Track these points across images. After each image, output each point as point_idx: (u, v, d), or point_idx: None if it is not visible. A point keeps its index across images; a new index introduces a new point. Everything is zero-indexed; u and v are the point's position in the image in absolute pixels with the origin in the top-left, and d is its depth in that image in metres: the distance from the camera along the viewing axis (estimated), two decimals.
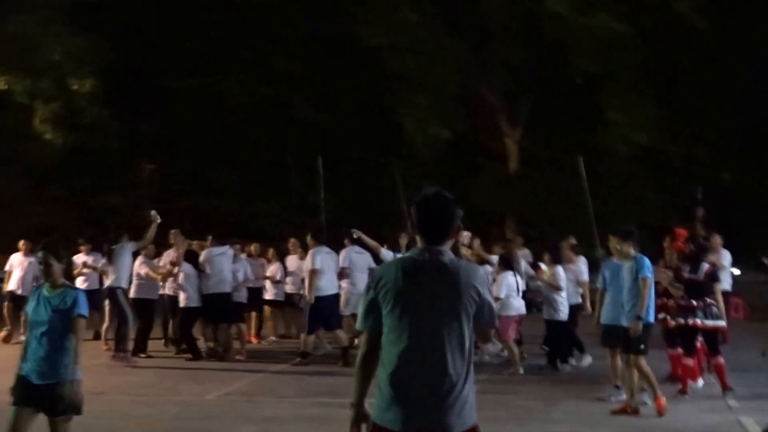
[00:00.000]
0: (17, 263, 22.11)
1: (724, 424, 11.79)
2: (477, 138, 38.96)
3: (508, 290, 16.64)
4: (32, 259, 22.14)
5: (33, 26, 28.15)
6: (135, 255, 18.58)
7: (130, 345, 18.03)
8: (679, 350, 14.05)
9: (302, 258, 19.62)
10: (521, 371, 16.30)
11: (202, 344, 18.87)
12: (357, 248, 18.97)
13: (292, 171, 41.15)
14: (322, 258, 17.40)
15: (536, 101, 37.49)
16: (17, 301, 21.75)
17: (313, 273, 17.10)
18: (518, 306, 16.87)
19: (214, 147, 40.14)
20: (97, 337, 20.67)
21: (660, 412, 12.03)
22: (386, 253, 17.41)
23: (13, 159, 36.80)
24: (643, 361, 12.13)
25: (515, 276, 16.95)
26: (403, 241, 19.94)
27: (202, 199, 42.47)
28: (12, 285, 22.02)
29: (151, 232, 18.17)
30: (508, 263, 17.17)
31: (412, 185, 34.71)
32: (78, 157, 39.26)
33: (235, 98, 38.30)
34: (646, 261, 12.24)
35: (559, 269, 16.75)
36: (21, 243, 22.18)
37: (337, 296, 17.92)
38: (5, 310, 22.39)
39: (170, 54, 38.14)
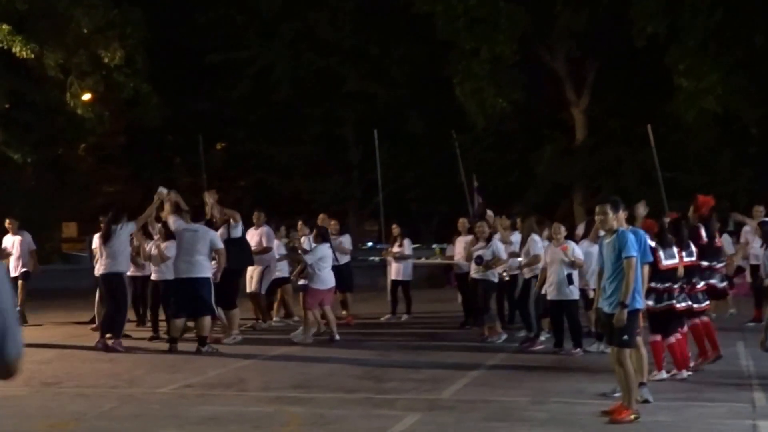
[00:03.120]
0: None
1: (734, 428, 9.68)
2: (541, 108, 36.81)
3: (323, 262, 16.45)
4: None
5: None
6: None
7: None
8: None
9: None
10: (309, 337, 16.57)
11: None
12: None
13: (351, 145, 39.54)
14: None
15: (603, 68, 35.13)
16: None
17: None
18: (328, 279, 16.66)
19: (268, 122, 38.76)
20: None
21: (613, 421, 9.89)
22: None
23: (75, 137, 35.84)
24: (625, 356, 10.08)
25: (331, 248, 16.93)
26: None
27: (263, 176, 41.36)
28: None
29: (150, 209, 16.55)
30: (323, 236, 16.94)
31: (473, 158, 32.84)
32: (140, 136, 38.35)
33: (284, 71, 36.70)
34: (631, 237, 10.14)
35: (571, 245, 14.84)
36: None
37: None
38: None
39: (213, 27, 36.76)
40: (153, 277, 16.96)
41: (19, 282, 20.90)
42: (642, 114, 31.21)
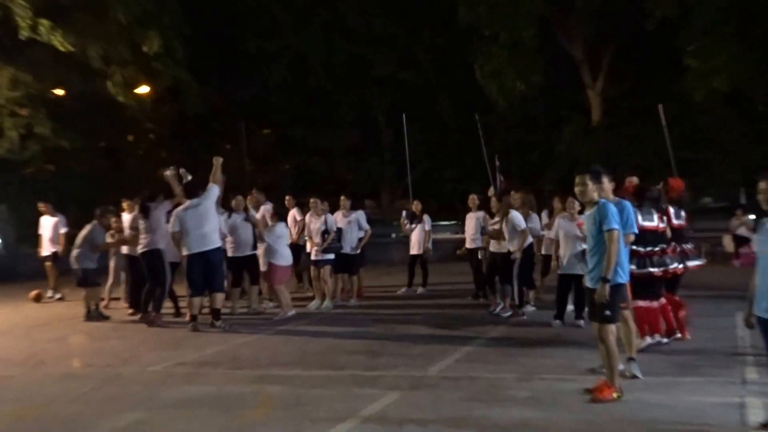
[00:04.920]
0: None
1: (721, 407, 8.23)
2: (560, 90, 35.28)
3: (282, 239, 15.61)
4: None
5: None
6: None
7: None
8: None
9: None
10: (290, 313, 15.48)
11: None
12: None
13: (383, 128, 38.21)
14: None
15: (617, 51, 33.55)
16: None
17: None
18: (288, 255, 15.77)
19: (306, 108, 37.55)
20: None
21: (595, 400, 8.54)
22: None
23: (124, 124, 34.78)
24: (608, 333, 8.70)
25: (287, 227, 16.25)
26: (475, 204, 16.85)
27: (305, 159, 40.25)
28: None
29: (177, 187, 15.23)
30: (280, 215, 16.15)
31: (497, 139, 31.42)
32: (188, 123, 37.33)
33: (317, 59, 35.41)
34: (612, 209, 8.72)
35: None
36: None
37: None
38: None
39: (250, 17, 35.54)
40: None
41: (47, 264, 19.99)
42: (654, 95, 29.76)
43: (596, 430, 7.64)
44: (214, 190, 14.45)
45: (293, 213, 18.65)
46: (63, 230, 19.95)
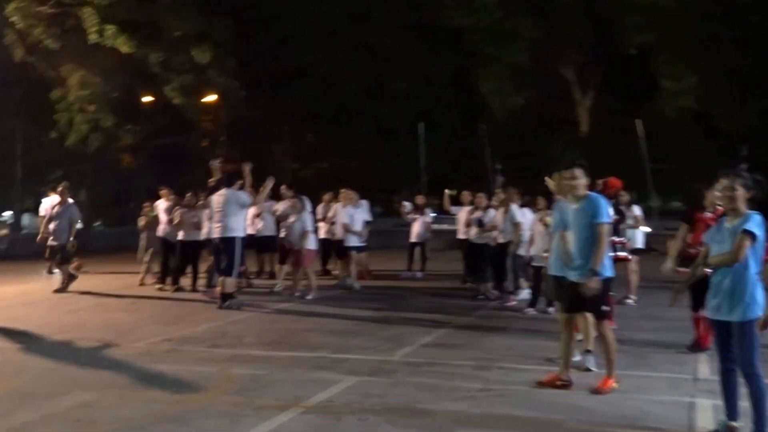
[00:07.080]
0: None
1: (670, 406, 6.51)
2: (553, 105, 33.47)
3: (311, 227, 14.03)
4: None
5: (163, 10, 24.09)
6: None
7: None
8: None
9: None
10: (309, 296, 13.50)
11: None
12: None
13: (401, 136, 36.49)
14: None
15: (604, 73, 31.69)
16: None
17: None
18: (315, 240, 14.25)
19: (337, 116, 35.94)
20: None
21: (598, 391, 6.87)
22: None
23: (190, 126, 33.34)
24: (606, 327, 7.07)
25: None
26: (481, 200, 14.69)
27: (338, 160, 38.64)
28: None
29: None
30: (304, 205, 14.13)
31: (498, 146, 29.71)
32: (241, 125, 35.92)
33: (345, 75, 33.79)
34: (603, 202, 7.04)
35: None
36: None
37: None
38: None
39: (288, 37, 33.92)
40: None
41: None
42: (633, 111, 28.07)
43: (535, 428, 5.97)
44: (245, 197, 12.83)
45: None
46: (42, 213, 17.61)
